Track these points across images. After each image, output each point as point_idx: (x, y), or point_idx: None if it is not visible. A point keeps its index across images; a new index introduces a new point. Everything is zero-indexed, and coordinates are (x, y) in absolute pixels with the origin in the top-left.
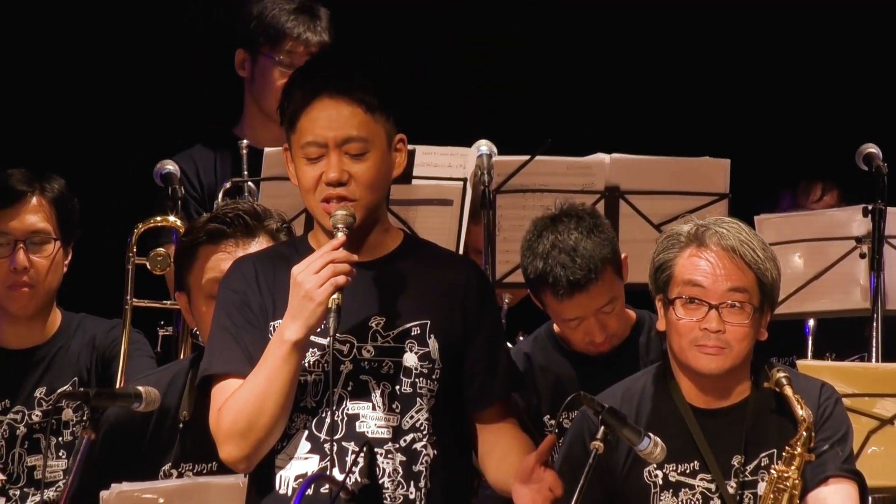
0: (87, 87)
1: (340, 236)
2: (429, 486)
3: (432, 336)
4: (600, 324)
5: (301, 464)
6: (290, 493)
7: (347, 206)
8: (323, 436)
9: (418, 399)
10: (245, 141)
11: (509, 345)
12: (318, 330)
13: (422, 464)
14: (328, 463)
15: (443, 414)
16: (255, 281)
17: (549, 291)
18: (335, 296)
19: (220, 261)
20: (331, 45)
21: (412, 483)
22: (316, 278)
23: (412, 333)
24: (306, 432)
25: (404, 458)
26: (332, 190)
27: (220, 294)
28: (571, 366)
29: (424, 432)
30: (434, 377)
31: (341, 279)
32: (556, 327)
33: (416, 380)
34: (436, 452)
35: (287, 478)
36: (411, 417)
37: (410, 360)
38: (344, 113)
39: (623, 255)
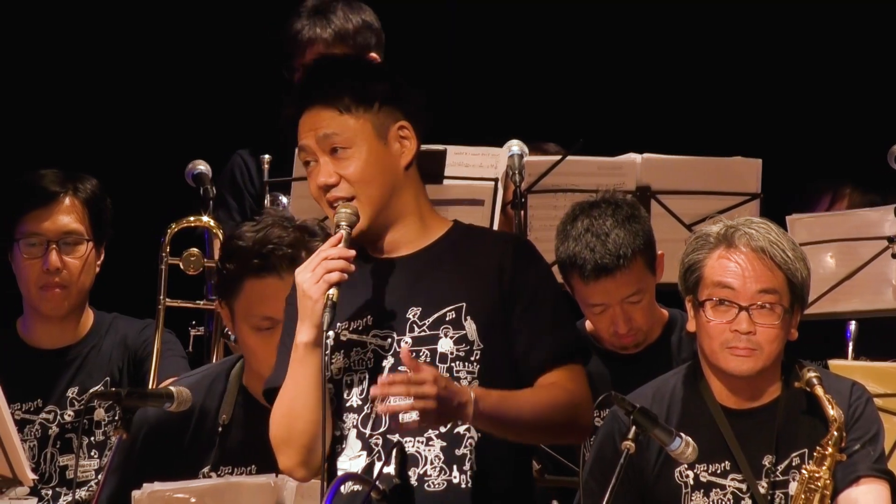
0: (121, 87)
1: (339, 233)
2: (475, 469)
3: (468, 318)
4: (625, 314)
5: (356, 462)
6: (345, 492)
7: (351, 204)
8: (368, 432)
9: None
10: (267, 156)
11: None
12: (360, 328)
13: (465, 447)
14: (374, 459)
15: None
16: None
17: (576, 274)
18: (330, 292)
19: (266, 301)
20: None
21: (455, 467)
22: (311, 276)
23: (447, 318)
24: (355, 431)
25: (445, 444)
26: (329, 194)
27: (284, 310)
28: (603, 364)
29: None
30: (473, 359)
31: (334, 276)
32: (588, 325)
33: (453, 364)
34: (480, 434)
35: None
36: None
37: (445, 345)
38: (319, 118)
39: (659, 253)
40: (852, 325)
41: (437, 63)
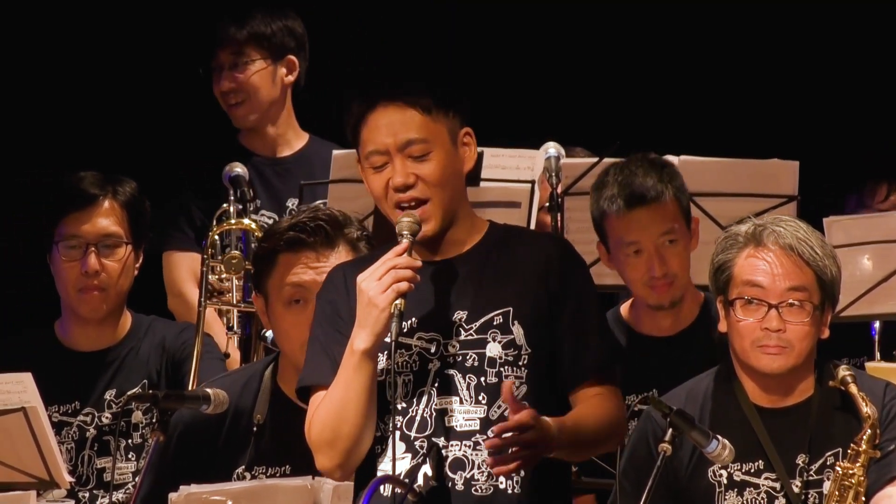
0: (159, 90)
1: (404, 242)
2: (522, 475)
3: (516, 322)
4: (660, 256)
5: (399, 465)
6: (387, 493)
7: (413, 213)
8: (413, 434)
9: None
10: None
11: None
12: (404, 330)
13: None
14: (419, 461)
15: (536, 400)
16: (345, 288)
17: (612, 214)
18: (398, 301)
19: (300, 270)
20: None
21: None
22: (378, 285)
23: (494, 323)
24: (398, 433)
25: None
26: (403, 194)
27: (316, 305)
28: (640, 347)
29: None
30: (521, 364)
31: (403, 285)
32: (623, 310)
33: (502, 369)
34: None
35: None
36: (499, 407)
37: (494, 349)
38: (400, 118)
39: (694, 217)
40: (876, 325)
41: (467, 64)
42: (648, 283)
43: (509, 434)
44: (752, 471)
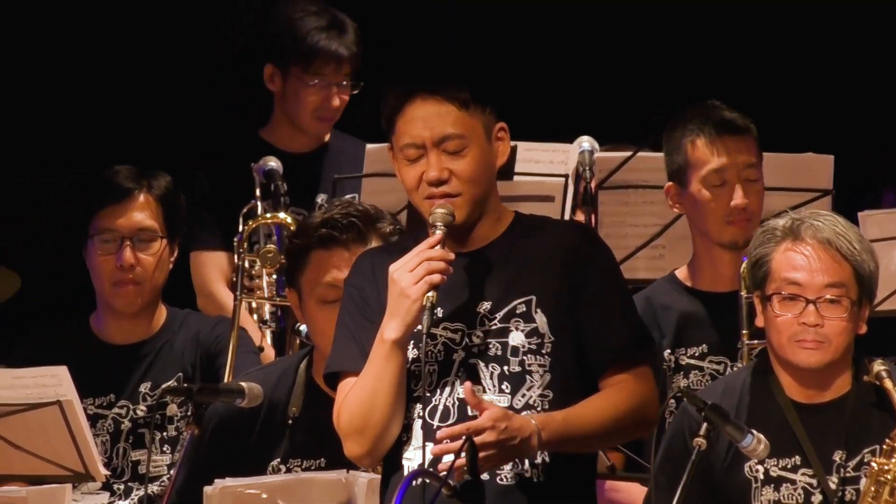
0: (191, 85)
1: (438, 234)
2: (547, 462)
3: (539, 311)
4: (744, 189)
5: (419, 452)
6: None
7: (446, 204)
8: (436, 423)
9: (528, 377)
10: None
11: None
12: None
13: None
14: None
15: (561, 388)
16: (373, 275)
17: (698, 141)
18: (430, 294)
19: (333, 269)
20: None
21: (527, 461)
22: (411, 276)
23: (517, 311)
24: (420, 421)
25: None
26: (435, 189)
27: (343, 290)
28: (697, 302)
29: (538, 409)
30: (544, 352)
31: (436, 277)
32: (680, 273)
33: (525, 357)
34: None
35: (412, 468)
36: (523, 396)
37: (517, 338)
38: (438, 112)
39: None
40: None
41: (499, 55)
42: (727, 218)
43: (451, 442)
44: (789, 466)
